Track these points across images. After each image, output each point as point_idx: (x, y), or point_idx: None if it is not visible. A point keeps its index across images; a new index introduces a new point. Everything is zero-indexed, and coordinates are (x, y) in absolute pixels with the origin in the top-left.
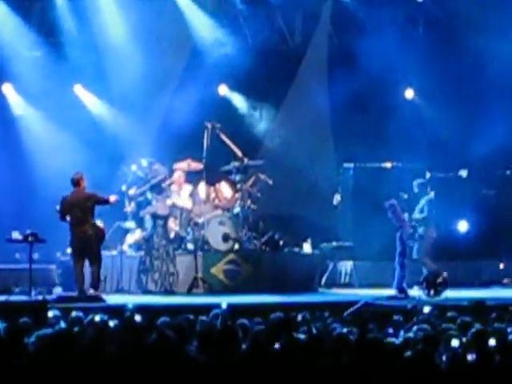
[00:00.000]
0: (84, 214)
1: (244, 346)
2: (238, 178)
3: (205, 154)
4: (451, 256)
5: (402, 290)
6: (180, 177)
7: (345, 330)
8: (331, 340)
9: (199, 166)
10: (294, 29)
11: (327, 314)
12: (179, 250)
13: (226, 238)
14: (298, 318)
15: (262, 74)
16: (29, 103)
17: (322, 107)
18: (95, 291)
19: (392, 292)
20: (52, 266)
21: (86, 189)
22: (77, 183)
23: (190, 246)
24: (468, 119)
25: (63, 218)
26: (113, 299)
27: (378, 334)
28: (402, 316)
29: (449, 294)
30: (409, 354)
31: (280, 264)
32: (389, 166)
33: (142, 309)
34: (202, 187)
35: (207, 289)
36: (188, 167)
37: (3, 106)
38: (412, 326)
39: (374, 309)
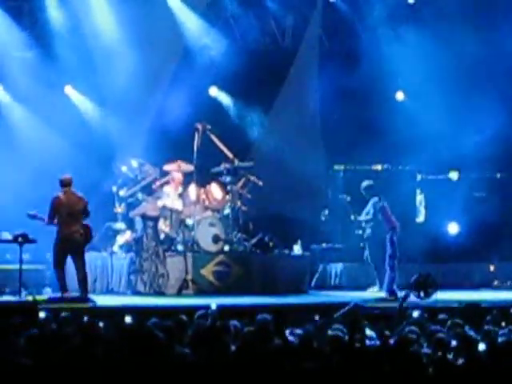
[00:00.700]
0: (74, 214)
1: (234, 347)
2: (228, 179)
3: (195, 155)
4: (442, 258)
5: (392, 292)
6: (179, 178)
7: (334, 332)
8: (321, 341)
9: (189, 167)
10: (284, 30)
11: (317, 317)
12: (169, 252)
13: (216, 239)
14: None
15: (253, 76)
16: (19, 104)
17: (313, 108)
18: (84, 292)
19: (382, 294)
20: (42, 267)
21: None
22: (67, 184)
23: (180, 248)
24: (459, 122)
25: (52, 218)
26: (102, 300)
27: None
28: (392, 318)
29: (439, 296)
30: (399, 357)
31: (270, 265)
32: (379, 168)
33: (132, 310)
34: (192, 189)
35: (197, 290)
36: (178, 169)
37: None
38: (403, 329)
39: (364, 311)
